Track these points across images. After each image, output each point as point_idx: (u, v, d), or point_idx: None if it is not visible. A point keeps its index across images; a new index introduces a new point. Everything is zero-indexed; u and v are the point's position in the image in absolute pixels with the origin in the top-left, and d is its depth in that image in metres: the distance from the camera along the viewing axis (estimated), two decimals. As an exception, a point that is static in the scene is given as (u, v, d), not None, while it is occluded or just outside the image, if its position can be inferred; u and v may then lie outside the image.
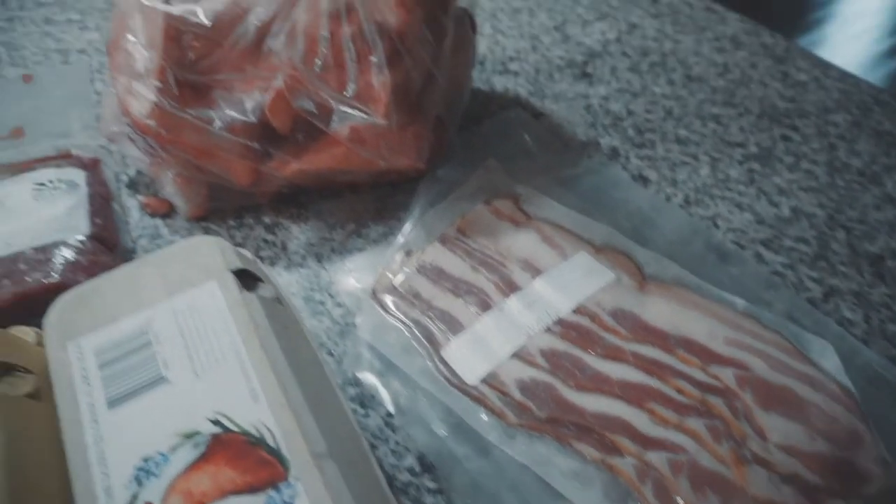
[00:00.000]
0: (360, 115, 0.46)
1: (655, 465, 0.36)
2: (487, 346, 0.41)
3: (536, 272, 0.45)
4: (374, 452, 0.37)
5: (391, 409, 0.40)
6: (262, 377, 0.32)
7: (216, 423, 0.30)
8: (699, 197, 0.53)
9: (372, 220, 0.52)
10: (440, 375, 0.41)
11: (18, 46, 0.70)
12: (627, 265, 0.45)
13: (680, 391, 0.38)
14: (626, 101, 0.61)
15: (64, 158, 0.53)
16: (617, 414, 0.38)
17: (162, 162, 0.49)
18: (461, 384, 0.40)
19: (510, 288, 0.44)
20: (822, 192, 0.52)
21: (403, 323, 0.44)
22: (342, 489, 0.29)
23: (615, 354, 0.40)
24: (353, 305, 0.46)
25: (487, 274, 0.45)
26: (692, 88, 0.62)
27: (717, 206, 0.52)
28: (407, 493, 0.37)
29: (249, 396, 0.31)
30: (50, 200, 0.48)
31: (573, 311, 0.42)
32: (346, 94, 0.45)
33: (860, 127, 0.57)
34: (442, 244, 0.47)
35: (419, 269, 0.46)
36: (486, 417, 0.39)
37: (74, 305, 0.36)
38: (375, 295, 0.46)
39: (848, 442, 0.35)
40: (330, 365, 0.41)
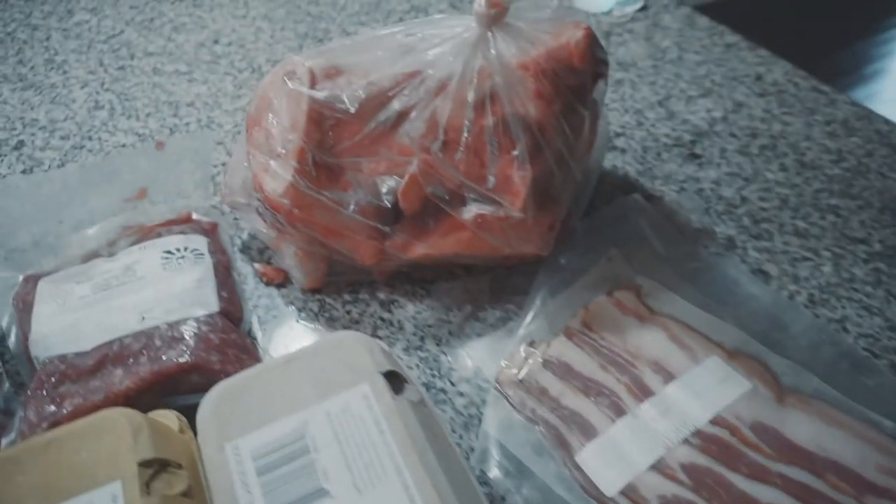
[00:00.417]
0: (495, 206, 0.46)
1: None
2: (624, 454, 0.40)
3: (669, 376, 0.44)
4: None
5: (524, 515, 0.39)
6: (424, 496, 0.32)
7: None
8: (824, 297, 0.51)
9: (488, 302, 0.51)
10: (576, 483, 0.40)
11: (130, 97, 0.72)
12: (763, 374, 0.44)
13: (833, 522, 0.37)
14: (738, 186, 0.60)
15: (185, 223, 0.54)
16: (766, 542, 0.36)
17: (286, 236, 0.49)
18: (599, 495, 0.39)
19: (643, 392, 0.43)
20: (954, 298, 0.50)
21: (532, 421, 0.43)
22: None
23: (761, 475, 0.39)
24: (475, 395, 0.46)
25: (618, 374, 0.44)
26: (806, 176, 0.61)
27: (844, 308, 0.50)
28: None
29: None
30: (178, 271, 0.48)
31: (710, 421, 0.41)
32: (486, 185, 0.45)
33: None
34: (568, 338, 0.46)
35: (545, 363, 0.45)
36: (625, 534, 0.37)
37: (227, 402, 0.36)
38: (500, 387, 0.45)
39: None
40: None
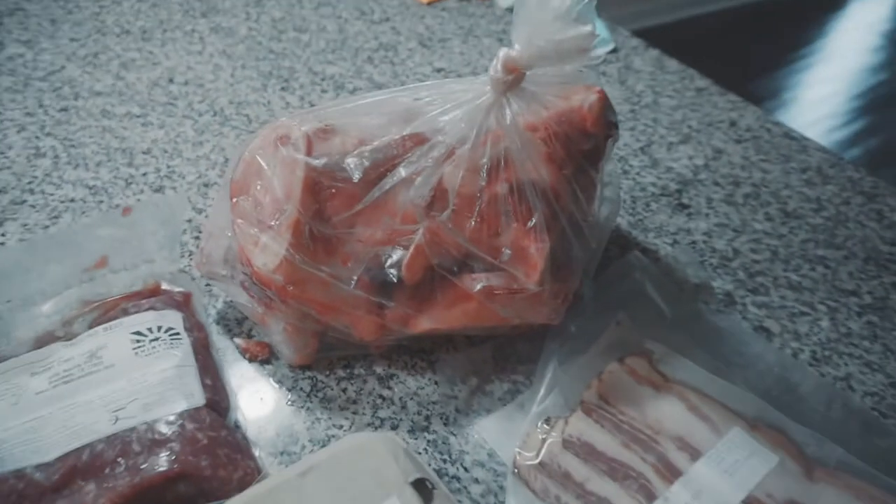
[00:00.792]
0: (506, 278, 0.43)
1: None
2: (660, 546, 0.38)
3: (695, 452, 0.42)
4: None
5: None
6: None
7: None
8: (826, 354, 0.51)
9: (494, 373, 0.48)
10: (613, 583, 0.37)
11: (77, 143, 0.65)
12: (787, 445, 0.43)
13: None
14: (729, 238, 0.60)
15: (154, 295, 0.49)
16: None
17: (275, 311, 0.45)
18: None
19: (670, 472, 0.41)
20: (946, 350, 0.51)
21: (558, 511, 0.40)
22: None
23: (802, 562, 0.37)
24: (491, 481, 0.42)
25: (643, 453, 0.42)
26: (791, 226, 0.61)
27: (847, 365, 0.50)
28: None
29: None
30: (153, 356, 0.43)
31: (743, 502, 0.40)
32: (500, 258, 0.42)
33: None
34: (586, 414, 0.44)
35: (566, 444, 0.43)
36: None
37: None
38: (519, 473, 0.42)
39: None
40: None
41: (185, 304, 0.48)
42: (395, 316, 0.45)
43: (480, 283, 0.43)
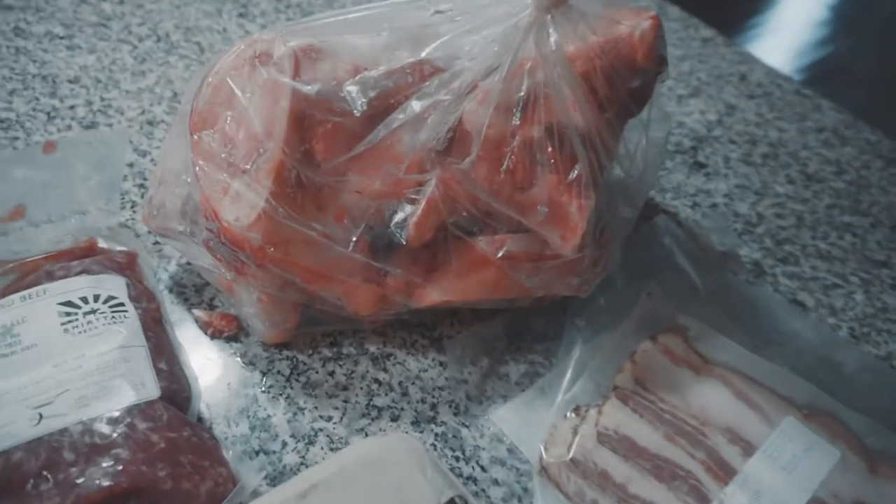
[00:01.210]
0: (535, 241, 0.36)
1: None
2: (719, 559, 0.32)
3: (748, 446, 0.36)
4: None
5: None
6: None
7: None
8: (865, 330, 0.46)
9: (507, 353, 0.41)
10: None
11: (-19, 68, 0.53)
12: (846, 436, 0.38)
13: None
14: (751, 201, 0.54)
15: (88, 254, 0.39)
16: None
17: (247, 278, 0.36)
18: None
19: (724, 470, 0.35)
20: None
21: (597, 519, 0.34)
22: None
23: (879, 573, 0.32)
24: (514, 483, 0.36)
25: (690, 448, 0.36)
26: (815, 190, 0.56)
27: (887, 343, 0.46)
28: None
29: None
30: (89, 334, 0.33)
31: (806, 504, 0.34)
32: (535, 217, 0.34)
33: None
34: (622, 402, 0.38)
35: (601, 438, 0.36)
36: None
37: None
38: (547, 472, 0.35)
39: None
40: None
41: (128, 266, 0.39)
42: (397, 285, 0.37)
43: (504, 247, 0.36)
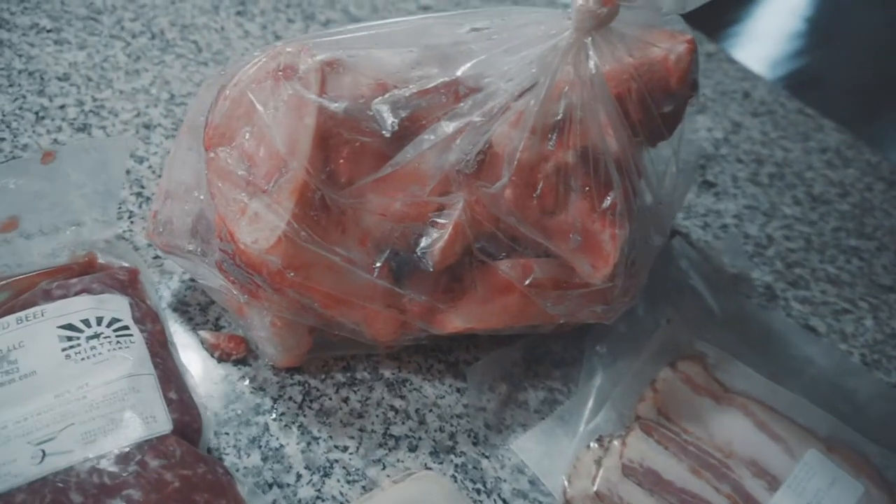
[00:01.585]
0: (562, 268, 0.34)
1: None
2: None
3: (772, 481, 0.36)
4: None
5: None
6: None
7: None
8: (876, 357, 0.47)
9: (525, 379, 0.40)
10: None
11: (-38, 63, 0.50)
12: (868, 470, 0.37)
13: None
14: (760, 222, 0.54)
15: (87, 271, 0.36)
16: None
17: (262, 302, 0.34)
18: None
19: (749, 505, 0.35)
20: None
21: (624, 557, 0.33)
22: None
23: None
24: (536, 518, 0.35)
25: (716, 482, 0.35)
26: (821, 212, 0.56)
27: (897, 370, 0.46)
28: None
29: None
30: (93, 361, 0.31)
31: (830, 541, 0.34)
32: (567, 245, 0.33)
33: None
34: (646, 434, 0.37)
35: (626, 471, 0.35)
36: None
37: None
38: (572, 507, 0.34)
39: None
40: None
41: (130, 284, 0.36)
42: (419, 311, 0.35)
43: (531, 274, 0.34)
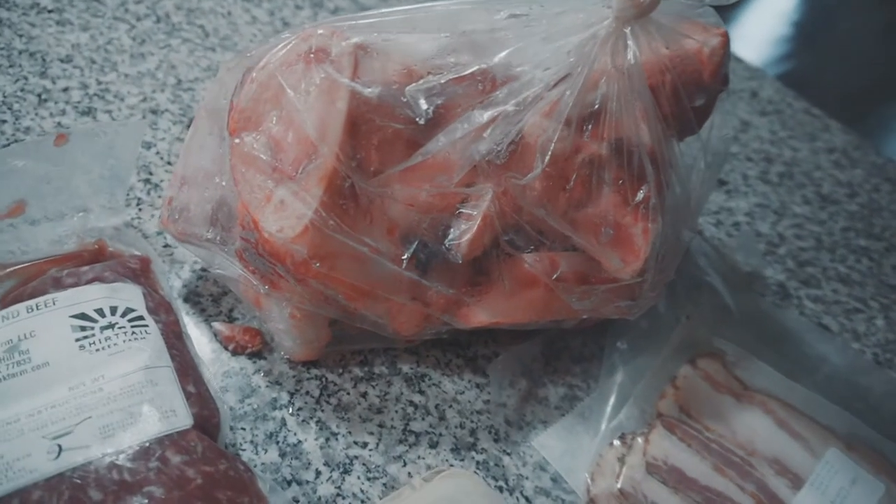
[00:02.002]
0: (588, 261, 0.34)
1: None
2: None
3: (795, 479, 0.36)
4: None
5: None
6: None
7: None
8: (888, 356, 0.47)
9: (545, 374, 0.40)
10: None
11: (-41, 41, 0.48)
12: (888, 469, 0.37)
13: None
14: (772, 220, 0.54)
15: (97, 259, 0.35)
16: None
17: (282, 293, 0.33)
18: None
19: (773, 503, 0.34)
20: None
21: (651, 556, 0.32)
22: None
23: None
24: (560, 516, 0.34)
25: (740, 480, 0.35)
26: (830, 211, 0.57)
27: (909, 370, 0.46)
28: None
29: None
30: (108, 352, 0.30)
31: (854, 540, 0.34)
32: (598, 238, 0.32)
33: None
34: (669, 431, 0.36)
35: (650, 468, 0.35)
36: None
37: None
38: (596, 505, 0.34)
39: None
40: None
41: (143, 273, 0.35)
42: (444, 304, 0.34)
43: (558, 268, 0.34)
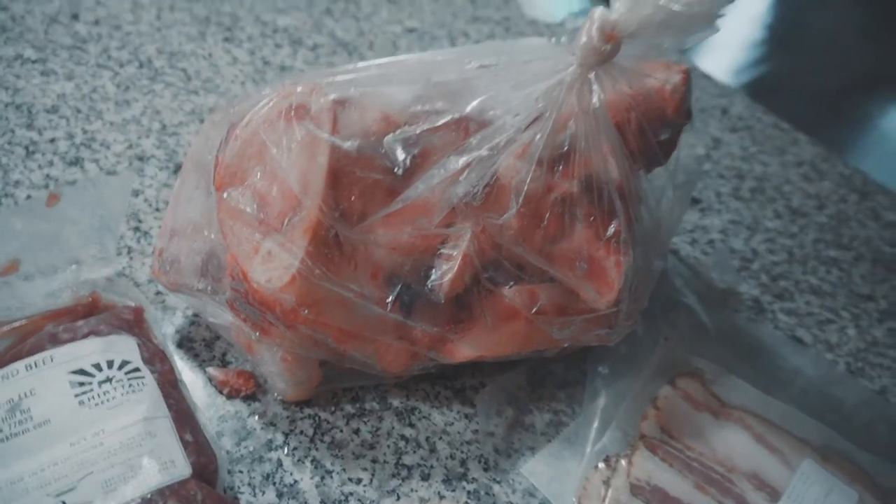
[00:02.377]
0: (565, 293, 0.35)
1: None
2: None
3: (773, 492, 0.37)
4: None
5: None
6: None
7: None
8: (859, 365, 0.48)
9: (531, 402, 0.41)
10: None
11: (-54, 97, 0.49)
12: (862, 478, 0.39)
13: None
14: (745, 237, 0.56)
15: (91, 312, 0.36)
16: None
17: (273, 338, 0.34)
18: None
19: (753, 518, 0.36)
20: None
21: (638, 576, 0.34)
22: None
23: None
24: (550, 541, 0.35)
25: (720, 496, 0.36)
26: (801, 224, 0.59)
27: (880, 377, 0.48)
28: None
29: None
30: (107, 406, 0.31)
31: (831, 549, 0.36)
32: (574, 272, 0.34)
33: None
34: (651, 452, 0.38)
35: (634, 490, 0.36)
36: None
37: None
38: (584, 528, 0.35)
39: None
40: None
41: (136, 323, 0.36)
42: (429, 341, 0.36)
43: (538, 302, 0.35)
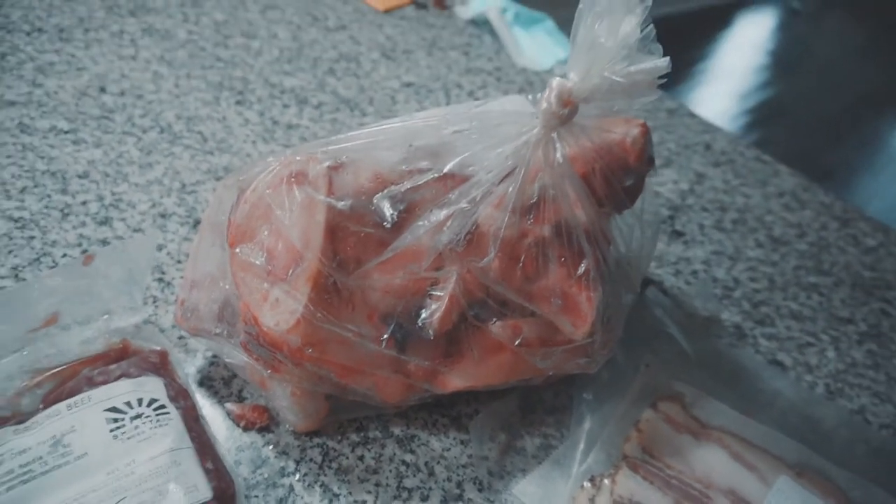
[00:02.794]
0: (544, 327, 0.39)
1: None
2: None
3: (749, 508, 0.40)
4: None
5: None
6: None
7: None
8: (839, 386, 0.51)
9: (522, 427, 0.44)
10: None
11: (-9, 167, 0.54)
12: (835, 493, 0.41)
13: None
14: (727, 266, 0.59)
15: (122, 357, 0.40)
16: None
17: (283, 375, 0.38)
18: None
19: (729, 532, 0.39)
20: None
21: (621, 587, 0.36)
22: None
23: None
24: (540, 556, 0.38)
25: (698, 513, 0.39)
26: (782, 253, 0.62)
27: (859, 397, 0.50)
28: None
29: None
30: (138, 439, 0.35)
31: (804, 559, 0.38)
32: (550, 307, 0.38)
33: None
34: (633, 471, 0.41)
35: (617, 507, 0.39)
36: None
37: None
38: (571, 544, 0.38)
39: None
40: None
41: (162, 365, 0.41)
42: (423, 374, 0.39)
43: (521, 335, 0.39)
